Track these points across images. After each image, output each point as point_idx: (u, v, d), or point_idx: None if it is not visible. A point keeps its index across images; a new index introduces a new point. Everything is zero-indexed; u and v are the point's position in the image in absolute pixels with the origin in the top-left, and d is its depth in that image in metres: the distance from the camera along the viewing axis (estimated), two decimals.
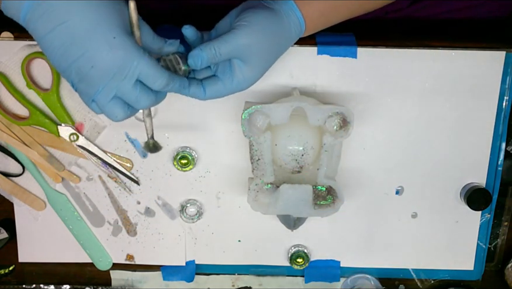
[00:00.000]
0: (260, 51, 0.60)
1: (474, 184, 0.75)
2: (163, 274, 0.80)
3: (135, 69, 0.52)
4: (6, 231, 0.77)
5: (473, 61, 0.71)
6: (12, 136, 0.74)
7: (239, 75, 0.61)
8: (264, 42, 0.60)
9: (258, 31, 0.59)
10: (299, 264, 0.78)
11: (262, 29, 0.59)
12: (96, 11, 0.51)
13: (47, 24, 0.51)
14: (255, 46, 0.59)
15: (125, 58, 0.52)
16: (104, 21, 0.51)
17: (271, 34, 0.60)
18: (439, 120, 0.74)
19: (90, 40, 0.51)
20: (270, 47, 0.61)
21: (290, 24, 0.62)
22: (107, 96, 0.53)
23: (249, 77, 0.62)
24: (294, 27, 0.62)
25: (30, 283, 0.82)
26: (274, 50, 0.62)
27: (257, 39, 0.59)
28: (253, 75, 0.62)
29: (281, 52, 0.63)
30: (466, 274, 0.80)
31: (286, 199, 0.68)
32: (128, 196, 0.77)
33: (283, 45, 0.63)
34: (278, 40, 0.62)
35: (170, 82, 0.55)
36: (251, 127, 0.66)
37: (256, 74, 0.62)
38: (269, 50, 0.61)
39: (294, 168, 0.69)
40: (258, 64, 0.61)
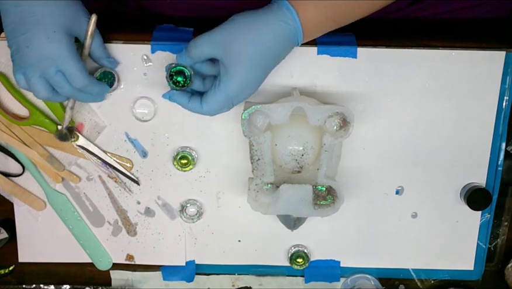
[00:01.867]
0: (243, 50, 0.60)
1: (474, 184, 0.75)
2: (163, 274, 0.80)
3: (59, 63, 0.61)
4: (6, 231, 0.77)
5: (473, 61, 0.71)
6: (12, 136, 0.74)
7: (224, 78, 0.62)
8: (247, 42, 0.60)
9: (238, 29, 0.60)
10: (299, 264, 0.78)
11: (245, 27, 0.60)
12: (50, 8, 0.61)
13: (6, 3, 0.61)
14: (234, 44, 0.60)
15: (54, 51, 0.61)
16: (52, 17, 0.61)
17: (257, 34, 0.60)
18: (439, 120, 0.74)
19: (35, 26, 0.60)
20: (256, 46, 0.61)
21: (284, 29, 0.61)
22: (33, 73, 0.61)
23: (236, 78, 0.61)
24: (289, 31, 0.61)
25: (30, 283, 0.82)
26: (264, 53, 0.61)
27: (236, 37, 0.60)
28: (241, 75, 0.61)
29: (275, 57, 0.63)
30: (466, 274, 0.80)
31: (286, 199, 0.68)
32: (128, 196, 0.77)
33: (277, 49, 0.62)
34: (268, 43, 0.61)
35: (89, 85, 0.64)
36: (251, 127, 0.66)
37: (243, 74, 0.61)
38: (256, 50, 0.61)
39: (294, 168, 0.69)
40: (244, 63, 0.61)
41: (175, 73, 0.65)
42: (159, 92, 0.72)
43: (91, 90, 0.65)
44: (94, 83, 0.66)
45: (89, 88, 0.65)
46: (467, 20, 0.77)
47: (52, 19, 0.61)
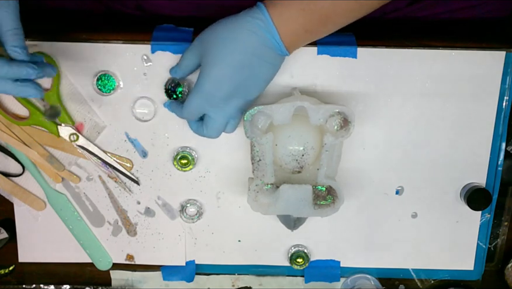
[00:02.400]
0: (216, 50, 0.61)
1: (474, 184, 0.75)
2: (163, 274, 0.80)
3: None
4: (6, 231, 0.77)
5: (473, 61, 0.71)
6: (12, 136, 0.74)
7: (199, 78, 0.63)
8: (220, 42, 0.61)
9: (215, 35, 0.62)
10: (299, 264, 0.78)
11: (221, 32, 0.61)
12: None
13: None
14: (210, 47, 0.62)
15: None
16: None
17: (230, 36, 0.61)
18: (439, 120, 0.74)
19: None
20: (228, 46, 0.61)
21: (259, 32, 0.61)
22: None
23: (208, 73, 0.62)
24: (264, 31, 0.61)
25: (30, 283, 0.82)
26: (237, 52, 0.61)
27: (212, 41, 0.62)
28: (212, 71, 0.62)
29: (252, 58, 0.62)
30: (466, 274, 0.80)
31: (286, 199, 0.68)
32: (128, 196, 0.77)
33: (253, 52, 0.61)
34: (241, 44, 0.61)
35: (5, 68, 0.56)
36: (253, 128, 0.66)
37: (214, 70, 0.61)
38: (227, 49, 0.61)
39: (294, 168, 0.68)
40: (215, 60, 0.61)
41: (172, 88, 0.71)
42: (159, 92, 0.72)
43: (10, 73, 0.57)
44: (12, 66, 0.57)
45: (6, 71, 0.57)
46: (467, 20, 0.77)
47: None
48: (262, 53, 0.62)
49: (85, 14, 0.78)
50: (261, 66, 0.62)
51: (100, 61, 0.71)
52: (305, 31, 0.62)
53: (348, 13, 0.62)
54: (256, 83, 0.64)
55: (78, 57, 0.71)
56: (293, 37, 0.62)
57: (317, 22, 0.62)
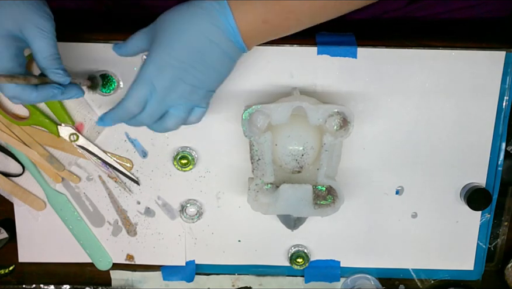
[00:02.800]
0: (163, 33, 0.58)
1: (474, 184, 0.75)
2: (163, 274, 0.80)
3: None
4: (6, 231, 0.77)
5: (473, 61, 0.71)
6: (12, 136, 0.74)
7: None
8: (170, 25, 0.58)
9: (168, 21, 0.58)
10: (299, 264, 0.78)
11: (173, 19, 0.58)
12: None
13: None
14: (159, 33, 0.58)
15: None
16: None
17: (181, 21, 0.58)
18: (439, 120, 0.74)
19: None
20: (177, 32, 0.57)
21: (211, 19, 0.57)
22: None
23: (153, 57, 0.58)
24: (224, 33, 0.58)
25: (30, 283, 0.82)
26: (185, 38, 0.57)
27: (163, 27, 0.58)
28: (156, 54, 0.58)
29: (202, 44, 0.57)
30: (466, 274, 0.80)
31: (286, 199, 0.68)
32: (128, 196, 0.77)
33: (204, 40, 0.57)
34: (190, 31, 0.57)
35: (20, 96, 0.59)
36: (251, 127, 0.66)
37: (158, 54, 0.58)
38: (175, 36, 0.57)
39: (294, 168, 0.68)
40: (161, 44, 0.58)
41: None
42: None
43: (27, 100, 0.60)
44: (28, 95, 0.59)
45: (23, 98, 0.60)
46: (467, 20, 0.77)
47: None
48: (215, 36, 0.57)
49: (85, 14, 0.78)
50: (213, 51, 0.58)
51: (100, 61, 0.71)
52: (264, 22, 0.58)
53: (314, 11, 0.59)
54: (208, 71, 0.59)
55: (78, 57, 0.71)
56: (250, 26, 0.58)
57: (277, 14, 0.58)
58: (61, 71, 0.60)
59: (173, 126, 0.62)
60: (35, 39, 0.58)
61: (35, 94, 0.59)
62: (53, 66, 0.59)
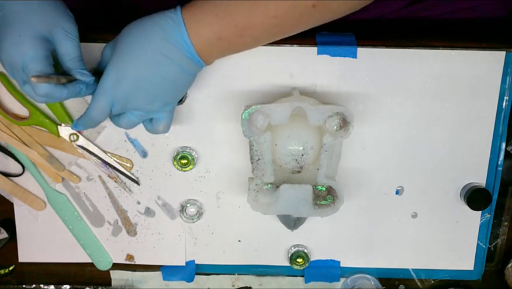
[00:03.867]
0: (121, 48, 0.60)
1: (474, 184, 0.75)
2: (163, 274, 0.80)
3: (24, 66, 0.59)
4: (6, 231, 0.77)
5: (473, 61, 0.71)
6: (12, 136, 0.74)
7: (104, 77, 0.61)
8: (129, 41, 0.60)
9: (127, 36, 0.60)
10: (299, 264, 0.78)
11: (133, 34, 0.60)
12: (20, 10, 0.59)
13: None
14: (118, 47, 0.60)
15: (17, 59, 0.58)
16: (21, 21, 0.59)
17: (140, 37, 0.59)
18: (439, 120, 0.74)
19: (5, 28, 0.59)
20: (135, 46, 0.59)
21: (168, 37, 0.59)
22: (21, 80, 0.60)
23: (111, 69, 0.60)
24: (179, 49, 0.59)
25: (30, 283, 0.82)
26: (143, 51, 0.59)
27: (122, 41, 0.60)
28: (115, 65, 0.60)
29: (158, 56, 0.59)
30: (466, 274, 0.80)
31: (286, 199, 0.68)
32: (128, 196, 0.77)
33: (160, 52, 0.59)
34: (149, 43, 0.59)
35: (52, 96, 0.60)
36: (251, 127, 0.66)
37: (116, 66, 0.60)
38: (133, 49, 0.59)
39: (294, 168, 0.68)
40: (119, 57, 0.60)
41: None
42: None
43: (58, 98, 0.61)
44: (60, 92, 0.60)
45: (55, 97, 0.61)
46: (467, 20, 0.77)
47: (21, 22, 0.59)
48: (169, 52, 0.59)
49: (85, 14, 0.78)
50: (169, 66, 0.59)
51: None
52: (219, 39, 0.59)
53: (266, 27, 0.59)
54: (164, 84, 0.60)
55: None
56: (205, 43, 0.59)
57: (232, 32, 0.59)
58: (86, 71, 0.62)
59: (126, 126, 0.65)
60: (62, 41, 0.60)
61: (65, 91, 0.60)
62: (79, 67, 0.61)
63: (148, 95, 0.61)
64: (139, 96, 0.61)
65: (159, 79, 0.60)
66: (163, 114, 0.64)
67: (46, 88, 0.59)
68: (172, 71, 0.60)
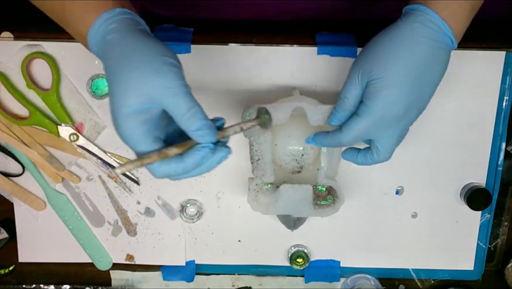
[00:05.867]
0: (391, 71, 0.54)
1: (474, 184, 0.75)
2: (163, 274, 0.80)
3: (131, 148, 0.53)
4: (6, 231, 0.77)
5: (473, 61, 0.71)
6: (12, 136, 0.74)
7: (367, 101, 0.56)
8: (396, 62, 0.54)
9: (383, 53, 0.55)
10: (299, 264, 0.78)
11: (390, 49, 0.54)
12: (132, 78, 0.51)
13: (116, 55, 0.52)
14: (381, 67, 0.54)
15: (127, 136, 0.52)
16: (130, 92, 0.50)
17: (404, 53, 0.54)
18: (439, 120, 0.74)
19: (114, 97, 0.52)
20: (405, 65, 0.54)
21: (433, 39, 0.54)
22: None
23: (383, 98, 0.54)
24: (438, 39, 0.54)
25: (30, 283, 0.82)
26: (415, 70, 0.54)
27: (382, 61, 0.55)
28: (387, 95, 0.54)
29: (429, 73, 0.55)
30: (466, 274, 0.80)
31: (286, 199, 0.68)
32: (128, 196, 0.77)
33: (429, 63, 0.55)
34: (418, 60, 0.54)
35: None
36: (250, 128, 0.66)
37: (390, 94, 0.54)
38: (406, 69, 0.54)
39: (294, 168, 0.68)
40: (393, 83, 0.54)
41: None
42: None
43: (180, 175, 0.54)
44: (176, 168, 0.52)
45: (174, 175, 0.54)
46: None
47: (132, 91, 0.50)
48: (434, 58, 0.55)
49: None
50: (434, 71, 0.55)
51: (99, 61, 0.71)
52: (472, 13, 0.55)
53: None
54: (429, 90, 0.57)
55: (78, 57, 0.72)
56: (463, 26, 0.55)
57: None
58: (204, 130, 0.51)
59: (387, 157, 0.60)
60: (163, 101, 0.50)
61: (181, 166, 0.51)
62: (193, 125, 0.50)
63: (417, 107, 0.57)
64: (408, 115, 0.56)
65: (427, 87, 0.56)
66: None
67: (158, 168, 0.51)
68: (438, 73, 0.56)
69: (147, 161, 0.50)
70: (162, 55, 0.51)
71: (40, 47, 0.71)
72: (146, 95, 0.49)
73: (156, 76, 0.49)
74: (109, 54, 0.52)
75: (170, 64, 0.50)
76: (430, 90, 0.57)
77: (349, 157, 0.62)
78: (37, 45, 0.71)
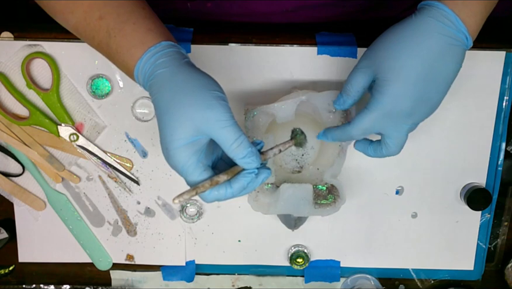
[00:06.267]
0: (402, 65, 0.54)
1: (474, 184, 0.75)
2: (163, 274, 0.80)
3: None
4: (6, 231, 0.77)
5: (473, 61, 0.71)
6: (12, 136, 0.74)
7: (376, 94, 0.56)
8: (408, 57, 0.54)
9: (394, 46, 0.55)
10: (299, 264, 0.78)
11: (401, 42, 0.55)
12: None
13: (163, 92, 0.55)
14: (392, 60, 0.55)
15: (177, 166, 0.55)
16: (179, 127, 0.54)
17: (416, 47, 0.54)
18: (439, 120, 0.74)
19: (164, 134, 0.55)
20: (416, 60, 0.54)
21: (445, 34, 0.54)
22: None
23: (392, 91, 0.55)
24: (451, 34, 0.54)
25: (30, 283, 0.82)
26: (426, 66, 0.54)
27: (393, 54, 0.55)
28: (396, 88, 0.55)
29: (441, 70, 0.55)
30: (466, 274, 0.80)
31: (287, 199, 0.68)
32: (128, 196, 0.77)
33: (442, 60, 0.55)
34: (430, 55, 0.54)
35: None
36: (254, 129, 0.66)
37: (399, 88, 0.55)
38: (416, 64, 0.54)
39: (294, 168, 0.69)
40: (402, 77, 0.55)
41: None
42: None
43: (228, 197, 0.56)
44: (226, 193, 0.55)
45: (224, 199, 0.56)
46: None
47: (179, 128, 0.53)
48: (447, 54, 0.55)
49: None
50: (446, 68, 0.55)
51: (100, 61, 0.71)
52: (487, 10, 0.55)
53: None
54: (440, 87, 0.56)
55: (78, 57, 0.72)
56: (478, 23, 0.55)
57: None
58: (250, 157, 0.54)
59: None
60: (213, 133, 0.53)
61: (230, 191, 0.55)
62: (240, 153, 0.54)
63: (426, 103, 0.56)
64: (418, 109, 0.56)
65: (437, 84, 0.56)
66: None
67: (209, 195, 0.55)
68: (450, 70, 0.56)
69: (201, 190, 0.54)
70: (212, 89, 0.54)
71: (40, 47, 0.71)
72: (198, 127, 0.53)
73: (208, 111, 0.53)
74: (159, 87, 0.54)
75: (219, 97, 0.54)
76: (442, 87, 0.56)
77: (361, 148, 0.63)
78: (37, 45, 0.71)
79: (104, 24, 0.56)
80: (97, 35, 0.57)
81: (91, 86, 0.72)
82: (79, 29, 0.58)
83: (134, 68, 0.56)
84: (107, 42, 0.57)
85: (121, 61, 0.57)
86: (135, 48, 0.56)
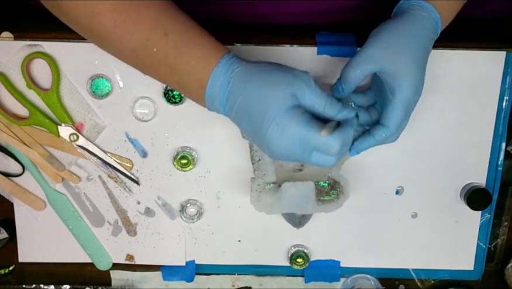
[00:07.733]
0: (406, 57, 0.59)
1: (474, 184, 0.75)
2: (163, 274, 0.80)
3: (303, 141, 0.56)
4: (6, 231, 0.77)
5: (473, 61, 0.71)
6: (12, 136, 0.74)
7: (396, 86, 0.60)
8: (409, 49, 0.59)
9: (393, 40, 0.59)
10: (299, 264, 0.78)
11: (400, 36, 0.59)
12: None
13: None
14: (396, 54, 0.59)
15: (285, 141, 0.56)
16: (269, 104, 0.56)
17: (413, 40, 0.60)
18: (439, 120, 0.74)
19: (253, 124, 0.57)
20: (416, 50, 0.60)
21: (429, 25, 0.61)
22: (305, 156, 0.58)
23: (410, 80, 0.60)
24: (431, 24, 0.61)
25: (30, 283, 0.82)
26: (423, 53, 0.61)
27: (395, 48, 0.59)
28: (413, 77, 0.60)
29: (427, 53, 0.61)
30: (466, 274, 0.80)
31: (289, 197, 0.68)
32: (128, 196, 0.77)
33: (427, 46, 0.61)
34: (422, 43, 0.60)
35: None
36: None
37: (414, 76, 0.60)
38: (416, 53, 0.60)
39: (295, 166, 0.69)
40: (411, 66, 0.59)
41: (171, 91, 0.71)
42: (159, 92, 0.72)
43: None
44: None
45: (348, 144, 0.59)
46: (468, 20, 0.77)
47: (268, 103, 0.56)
48: (430, 45, 0.62)
49: None
50: (426, 56, 0.62)
51: (100, 61, 0.71)
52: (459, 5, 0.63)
53: None
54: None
55: (78, 57, 0.72)
56: (448, 15, 0.63)
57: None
58: (344, 111, 0.58)
59: None
60: (306, 96, 0.56)
61: (351, 131, 0.58)
62: (335, 110, 0.57)
63: None
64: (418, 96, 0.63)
65: None
66: None
67: (336, 141, 0.56)
68: (426, 58, 0.62)
69: (331, 125, 0.56)
70: (290, 68, 0.58)
71: (40, 47, 0.71)
72: (294, 94, 0.56)
73: (298, 80, 0.56)
74: (244, 80, 0.57)
75: (300, 71, 0.58)
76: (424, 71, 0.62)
77: (362, 145, 0.65)
78: (37, 45, 0.71)
79: (171, 40, 0.57)
80: (162, 51, 0.58)
81: (91, 86, 0.72)
82: (138, 50, 0.58)
83: (210, 76, 0.57)
84: (175, 55, 0.57)
85: (193, 73, 0.58)
86: (209, 58, 0.57)
